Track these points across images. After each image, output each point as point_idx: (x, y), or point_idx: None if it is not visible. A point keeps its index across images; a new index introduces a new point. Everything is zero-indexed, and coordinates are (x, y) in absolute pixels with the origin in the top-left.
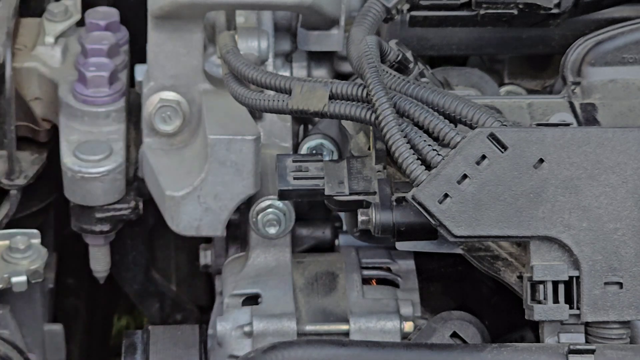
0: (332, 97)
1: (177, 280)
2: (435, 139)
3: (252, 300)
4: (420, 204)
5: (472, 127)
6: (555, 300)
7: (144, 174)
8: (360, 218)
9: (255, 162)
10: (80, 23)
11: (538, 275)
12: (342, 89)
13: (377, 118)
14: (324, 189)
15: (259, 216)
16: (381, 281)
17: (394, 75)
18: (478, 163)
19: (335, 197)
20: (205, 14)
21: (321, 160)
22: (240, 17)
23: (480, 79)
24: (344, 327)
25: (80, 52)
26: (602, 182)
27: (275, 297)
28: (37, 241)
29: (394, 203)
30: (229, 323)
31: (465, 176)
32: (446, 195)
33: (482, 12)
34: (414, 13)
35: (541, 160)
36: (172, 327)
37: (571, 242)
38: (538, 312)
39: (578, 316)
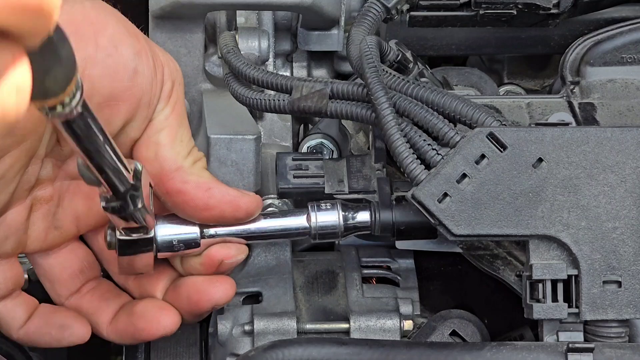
0: (332, 96)
1: None
2: (435, 139)
3: (252, 298)
4: (419, 203)
5: (471, 127)
6: (554, 299)
7: None
8: None
9: (256, 161)
10: None
11: (537, 274)
12: (342, 89)
13: (377, 117)
14: (323, 188)
15: None
16: (381, 280)
17: (394, 75)
18: (477, 162)
19: (335, 196)
20: (205, 14)
21: (321, 159)
22: (240, 17)
23: (480, 79)
24: (344, 325)
25: None
26: (600, 181)
27: (276, 296)
28: None
29: (394, 202)
30: (229, 321)
31: (464, 175)
32: (445, 195)
33: (481, 12)
34: (413, 13)
35: (540, 160)
36: None
37: (570, 241)
38: (537, 311)
39: (577, 315)
